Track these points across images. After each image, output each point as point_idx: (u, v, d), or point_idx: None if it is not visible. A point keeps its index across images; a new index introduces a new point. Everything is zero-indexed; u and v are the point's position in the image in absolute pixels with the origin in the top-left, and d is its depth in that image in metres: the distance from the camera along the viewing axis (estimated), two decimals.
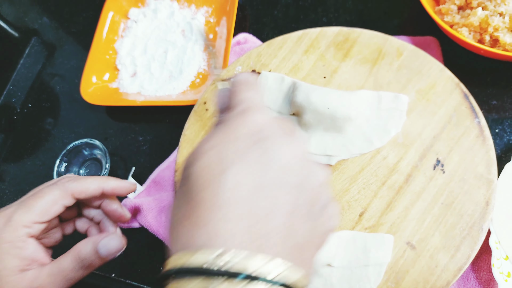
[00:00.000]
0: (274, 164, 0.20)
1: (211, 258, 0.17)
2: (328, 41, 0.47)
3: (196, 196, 0.19)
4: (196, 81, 0.55)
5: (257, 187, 0.19)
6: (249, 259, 0.17)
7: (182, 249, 0.19)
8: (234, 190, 0.19)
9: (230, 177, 0.19)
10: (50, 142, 0.57)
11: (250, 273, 0.17)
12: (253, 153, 0.20)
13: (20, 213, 0.30)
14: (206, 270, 0.17)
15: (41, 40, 0.67)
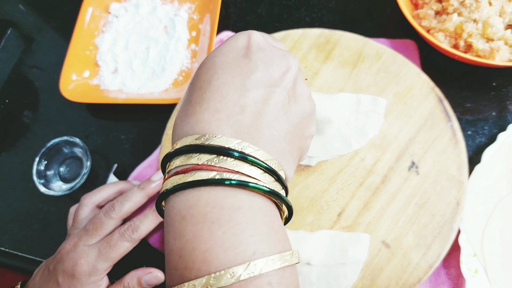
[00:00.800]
0: (252, 72, 0.24)
1: (200, 140, 0.22)
2: (310, 42, 0.48)
3: (191, 96, 0.24)
4: (179, 78, 0.55)
5: (236, 88, 0.23)
6: (232, 142, 0.22)
7: (175, 140, 0.24)
8: (215, 89, 0.23)
9: (213, 81, 0.24)
10: (29, 139, 0.56)
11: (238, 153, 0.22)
12: (238, 63, 0.24)
13: (101, 263, 0.38)
14: (191, 148, 0.22)
15: (18, 33, 0.65)
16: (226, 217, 0.21)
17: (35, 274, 0.41)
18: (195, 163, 0.21)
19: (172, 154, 0.23)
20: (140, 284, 0.40)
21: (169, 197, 0.22)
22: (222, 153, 0.21)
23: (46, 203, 0.52)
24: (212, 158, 0.21)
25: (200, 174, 0.21)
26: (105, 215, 0.40)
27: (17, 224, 0.52)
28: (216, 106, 0.23)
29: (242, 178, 0.21)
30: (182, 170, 0.22)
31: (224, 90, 0.23)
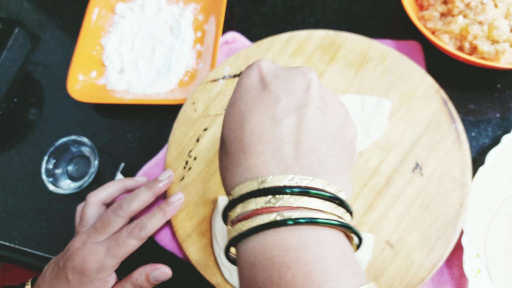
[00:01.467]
0: (277, 102, 0.24)
1: (254, 185, 0.22)
2: (315, 44, 0.49)
3: (230, 147, 0.24)
4: (184, 79, 0.55)
5: (269, 124, 0.23)
6: (284, 179, 0.21)
7: (229, 191, 0.24)
8: (250, 133, 0.23)
9: (245, 126, 0.23)
10: (37, 138, 0.57)
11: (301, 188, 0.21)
12: (261, 99, 0.24)
13: (110, 260, 0.39)
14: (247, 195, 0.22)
15: (26, 33, 0.66)
16: (294, 259, 0.20)
17: (45, 271, 0.42)
18: (254, 208, 0.21)
19: (230, 204, 0.23)
20: (148, 280, 0.41)
21: (237, 245, 0.22)
22: (278, 193, 0.21)
23: (54, 201, 0.53)
24: (269, 199, 0.21)
25: (261, 218, 0.21)
26: (113, 213, 0.41)
27: (26, 221, 0.53)
28: (258, 149, 0.23)
29: (304, 213, 0.20)
30: (243, 217, 0.22)
31: (258, 131, 0.23)
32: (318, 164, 0.22)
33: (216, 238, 0.42)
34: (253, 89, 0.24)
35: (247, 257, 0.21)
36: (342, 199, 0.22)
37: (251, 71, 0.25)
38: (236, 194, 0.22)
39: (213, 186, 0.45)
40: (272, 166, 0.22)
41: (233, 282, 0.41)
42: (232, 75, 0.49)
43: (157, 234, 0.46)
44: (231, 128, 0.24)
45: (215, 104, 0.48)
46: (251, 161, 0.22)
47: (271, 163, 0.22)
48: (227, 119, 0.25)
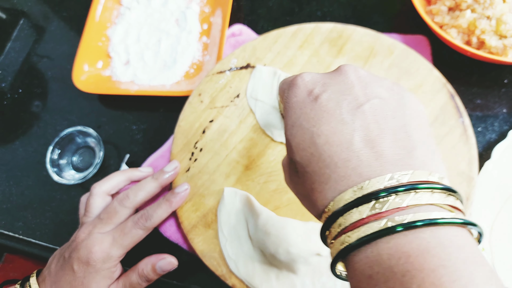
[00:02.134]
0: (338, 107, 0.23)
1: (351, 195, 0.20)
2: (322, 37, 0.48)
3: (309, 167, 0.22)
4: (190, 71, 0.55)
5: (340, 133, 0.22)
6: (382, 181, 0.20)
7: (321, 210, 0.22)
8: (328, 146, 0.22)
9: (318, 141, 0.22)
10: (42, 128, 0.57)
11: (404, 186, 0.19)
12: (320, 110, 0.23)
13: (115, 250, 0.40)
14: (346, 206, 0.20)
15: (31, 24, 0.66)
16: (416, 266, 0.18)
17: (50, 263, 0.42)
18: (358, 218, 0.19)
19: (329, 220, 0.21)
20: (154, 270, 0.41)
21: (346, 258, 0.20)
22: (381, 196, 0.19)
23: (59, 192, 0.53)
24: (373, 205, 0.19)
25: (370, 226, 0.19)
26: (119, 204, 0.41)
27: (30, 212, 0.53)
28: (342, 158, 0.21)
29: (418, 214, 0.18)
30: (347, 229, 0.20)
31: (334, 139, 0.21)
32: (407, 155, 0.21)
33: (222, 229, 0.42)
34: (306, 105, 0.23)
35: (362, 269, 0.19)
36: (449, 187, 0.20)
37: (295, 89, 0.24)
38: (332, 209, 0.21)
39: (219, 177, 0.45)
40: (364, 170, 0.20)
41: (238, 273, 0.41)
42: (238, 67, 0.49)
43: (162, 225, 0.46)
44: (302, 149, 0.23)
45: (221, 95, 0.48)
46: (339, 172, 0.21)
47: (362, 167, 0.20)
48: (294, 142, 0.23)
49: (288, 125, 0.24)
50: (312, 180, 0.22)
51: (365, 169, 0.20)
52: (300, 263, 0.39)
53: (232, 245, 0.42)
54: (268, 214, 0.41)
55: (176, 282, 0.46)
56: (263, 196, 0.43)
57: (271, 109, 0.46)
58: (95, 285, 0.39)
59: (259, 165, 0.44)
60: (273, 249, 0.39)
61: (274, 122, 0.46)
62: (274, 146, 0.45)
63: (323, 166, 0.21)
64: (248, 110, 0.47)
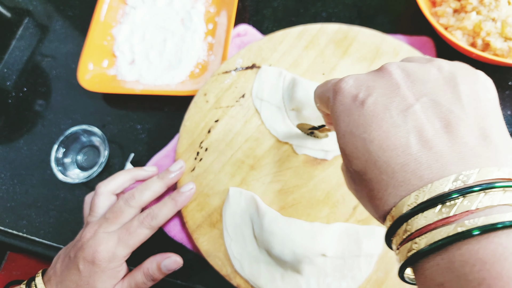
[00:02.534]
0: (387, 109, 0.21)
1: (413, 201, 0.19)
2: (327, 38, 0.48)
3: (366, 178, 0.21)
4: (195, 71, 0.55)
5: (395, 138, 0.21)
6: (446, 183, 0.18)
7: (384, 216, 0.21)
8: (388, 152, 0.20)
9: (371, 147, 0.21)
10: (46, 127, 0.57)
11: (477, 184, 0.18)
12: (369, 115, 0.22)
13: (121, 249, 0.39)
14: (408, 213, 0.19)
15: (35, 22, 0.66)
16: (493, 274, 0.16)
17: (55, 262, 0.42)
18: (424, 224, 0.18)
19: (393, 227, 0.20)
20: (160, 269, 0.41)
21: (415, 265, 0.19)
22: (446, 200, 0.18)
23: (63, 190, 0.53)
24: (439, 210, 0.18)
25: (438, 232, 0.18)
26: (125, 203, 0.41)
27: (34, 210, 0.53)
28: (399, 162, 0.20)
29: (490, 218, 0.17)
30: (414, 235, 0.19)
31: (388, 144, 0.20)
32: (470, 152, 0.19)
33: (227, 229, 0.42)
34: (353, 111, 0.22)
35: (432, 277, 0.18)
36: None
37: (340, 97, 0.23)
38: (396, 215, 0.20)
39: (224, 177, 0.45)
40: (424, 173, 0.19)
41: (242, 273, 0.41)
42: (244, 67, 0.49)
43: (166, 225, 0.46)
44: (356, 157, 0.22)
45: (226, 95, 0.48)
46: (397, 177, 0.20)
47: (421, 170, 0.19)
48: (347, 151, 0.23)
49: (340, 134, 0.23)
50: (371, 187, 0.21)
51: (425, 171, 0.19)
52: (305, 263, 0.39)
53: (237, 245, 0.42)
54: (273, 214, 0.41)
55: (180, 281, 0.46)
56: (268, 196, 0.43)
57: (276, 109, 0.46)
58: (101, 284, 0.39)
59: (264, 165, 0.45)
60: (279, 249, 0.39)
61: (279, 122, 0.46)
62: (279, 146, 0.45)
63: (379, 173, 0.21)
64: (253, 110, 0.47)
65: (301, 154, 0.44)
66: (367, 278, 0.39)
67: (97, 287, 0.39)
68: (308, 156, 0.44)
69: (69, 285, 0.39)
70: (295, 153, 0.44)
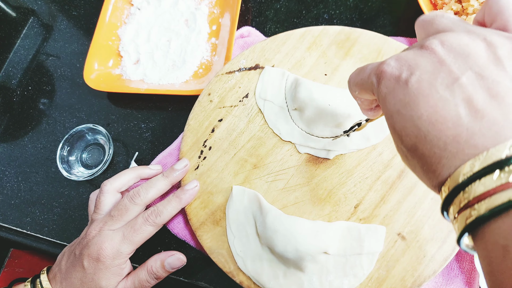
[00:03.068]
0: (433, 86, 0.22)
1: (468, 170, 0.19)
2: (330, 39, 0.49)
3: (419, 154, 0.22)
4: (199, 71, 0.56)
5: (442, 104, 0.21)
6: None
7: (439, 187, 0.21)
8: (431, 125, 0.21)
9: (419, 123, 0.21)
10: (51, 125, 0.58)
11: None
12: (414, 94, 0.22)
13: (125, 247, 0.40)
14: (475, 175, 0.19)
15: (40, 22, 0.66)
16: None
17: (60, 259, 0.43)
18: (483, 190, 0.18)
19: (450, 196, 0.20)
20: (163, 267, 0.42)
21: (475, 232, 0.20)
22: (505, 165, 0.18)
23: (67, 188, 0.53)
24: (498, 176, 0.18)
25: (498, 197, 0.18)
26: (130, 201, 0.42)
27: (38, 207, 0.53)
28: (450, 134, 0.20)
29: None
30: (471, 202, 0.19)
31: (437, 118, 0.21)
32: None
33: (230, 226, 0.43)
34: (398, 92, 0.23)
35: (494, 240, 0.18)
36: None
37: (384, 81, 0.24)
38: (452, 186, 0.20)
39: (227, 176, 0.45)
40: (478, 142, 0.19)
41: (245, 270, 0.41)
42: (247, 67, 0.50)
43: (170, 222, 0.47)
44: (406, 134, 0.22)
45: (230, 95, 0.49)
46: (451, 149, 0.20)
47: (475, 139, 0.19)
48: (397, 130, 0.23)
49: (388, 115, 0.24)
50: (423, 161, 0.22)
51: (479, 140, 0.19)
52: (307, 261, 0.39)
53: (240, 242, 0.42)
54: (276, 212, 0.42)
55: (183, 278, 0.46)
56: (270, 194, 0.44)
57: (279, 109, 0.47)
58: (105, 281, 0.40)
59: (267, 164, 0.45)
60: (281, 247, 0.40)
61: (282, 122, 0.46)
62: (282, 145, 0.46)
63: (430, 147, 0.21)
64: (256, 110, 0.48)
65: (304, 153, 0.45)
66: (369, 275, 0.39)
67: (101, 284, 0.40)
68: (310, 155, 0.45)
69: (74, 282, 0.40)
70: (297, 152, 0.45)
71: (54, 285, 0.41)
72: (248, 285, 0.41)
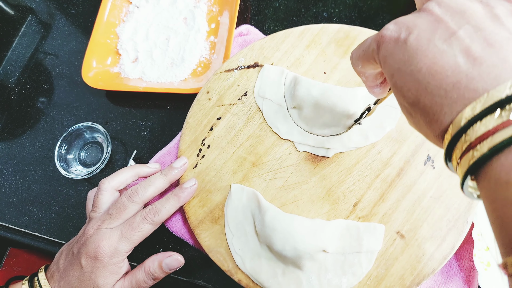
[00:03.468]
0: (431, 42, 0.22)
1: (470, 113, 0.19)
2: (329, 37, 0.49)
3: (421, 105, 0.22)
4: (197, 69, 0.56)
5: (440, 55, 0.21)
6: None
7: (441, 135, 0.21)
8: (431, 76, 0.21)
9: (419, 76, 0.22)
10: (49, 124, 0.57)
11: None
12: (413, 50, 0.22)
13: (123, 245, 0.40)
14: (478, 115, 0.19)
15: (38, 20, 0.66)
16: None
17: (58, 258, 0.42)
18: (484, 130, 0.19)
19: (453, 141, 0.20)
20: (161, 268, 0.41)
21: (477, 173, 0.20)
22: (505, 104, 0.18)
23: (65, 186, 0.53)
24: (498, 115, 0.18)
25: (499, 135, 0.18)
26: (128, 199, 0.41)
27: (36, 206, 0.53)
28: (449, 82, 0.20)
29: None
30: (473, 144, 0.19)
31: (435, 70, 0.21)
32: None
33: (229, 225, 0.43)
34: (397, 51, 0.23)
35: (497, 177, 0.19)
36: None
37: (384, 45, 0.24)
38: (455, 130, 0.20)
39: (226, 174, 0.45)
40: (478, 85, 0.19)
41: (244, 268, 0.41)
42: (246, 65, 0.49)
43: (168, 221, 0.47)
44: (407, 90, 0.23)
45: (229, 93, 0.48)
46: (451, 96, 0.20)
47: (475, 83, 0.20)
48: (398, 87, 0.23)
49: (389, 76, 0.24)
50: (426, 114, 0.22)
51: (479, 84, 0.19)
52: (306, 259, 0.39)
53: (238, 240, 0.42)
54: (275, 211, 0.41)
55: (182, 277, 0.46)
56: (269, 192, 0.44)
57: (278, 107, 0.47)
58: (102, 280, 0.39)
59: (265, 162, 0.45)
60: (280, 245, 0.39)
61: (281, 120, 0.46)
62: (280, 144, 0.45)
63: (431, 97, 0.21)
64: (255, 108, 0.47)
65: (302, 151, 0.45)
66: (368, 274, 0.39)
67: (99, 282, 0.39)
68: (309, 154, 0.44)
69: (72, 281, 0.40)
70: (296, 151, 0.45)
71: (52, 283, 0.41)
72: (246, 283, 0.41)
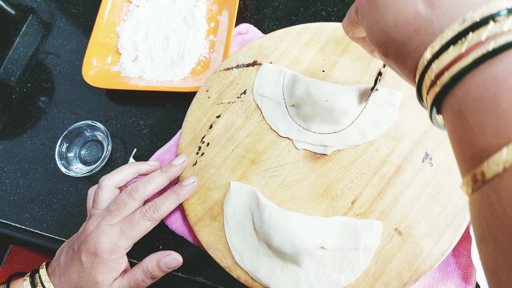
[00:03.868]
0: None
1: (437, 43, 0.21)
2: (327, 36, 0.49)
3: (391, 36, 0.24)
4: (197, 68, 0.56)
5: None
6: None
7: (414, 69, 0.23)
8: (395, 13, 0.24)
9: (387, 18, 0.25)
10: (49, 122, 0.58)
11: None
12: None
13: (123, 241, 0.40)
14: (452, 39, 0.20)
15: (39, 20, 0.66)
16: (504, 88, 0.17)
17: (59, 254, 0.43)
18: (455, 54, 0.19)
19: (424, 70, 0.21)
20: (159, 267, 0.42)
21: (442, 104, 0.21)
22: (458, 39, 0.19)
23: (66, 184, 0.53)
24: (454, 48, 0.19)
25: (457, 65, 0.19)
26: (128, 196, 0.42)
27: (37, 204, 0.53)
28: (414, 28, 0.22)
29: (498, 42, 0.18)
30: (443, 69, 0.20)
31: (400, 20, 0.23)
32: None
33: (228, 222, 0.43)
34: (370, 12, 0.26)
35: (453, 107, 0.20)
36: None
37: (360, 7, 0.27)
38: (419, 72, 0.22)
39: (225, 171, 0.45)
40: (435, 28, 0.21)
41: (243, 265, 0.41)
42: (245, 64, 0.50)
43: (168, 218, 0.47)
44: (381, 44, 0.25)
45: (228, 91, 0.49)
46: (414, 42, 0.22)
47: (432, 26, 0.21)
48: (373, 43, 0.26)
49: (367, 34, 0.27)
50: (399, 62, 0.24)
51: (436, 26, 0.21)
52: (304, 256, 0.39)
53: (237, 237, 0.42)
54: (273, 208, 0.42)
55: (181, 274, 0.46)
56: (268, 190, 0.44)
57: (276, 105, 0.47)
58: (101, 276, 0.40)
59: (264, 160, 0.45)
60: (279, 242, 0.40)
61: (279, 118, 0.46)
62: (279, 142, 0.46)
63: (399, 46, 0.23)
64: (254, 106, 0.48)
65: (301, 149, 0.45)
66: (365, 270, 0.39)
67: (98, 278, 0.40)
68: (307, 151, 0.45)
69: (72, 277, 0.40)
70: (295, 148, 0.45)
71: (53, 279, 0.41)
72: (245, 280, 0.41)
